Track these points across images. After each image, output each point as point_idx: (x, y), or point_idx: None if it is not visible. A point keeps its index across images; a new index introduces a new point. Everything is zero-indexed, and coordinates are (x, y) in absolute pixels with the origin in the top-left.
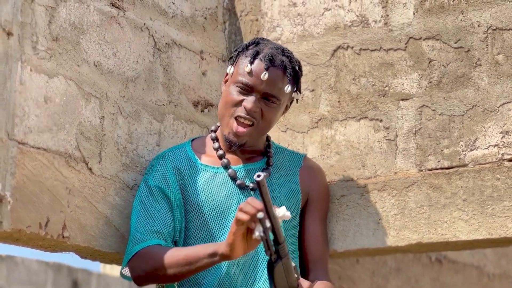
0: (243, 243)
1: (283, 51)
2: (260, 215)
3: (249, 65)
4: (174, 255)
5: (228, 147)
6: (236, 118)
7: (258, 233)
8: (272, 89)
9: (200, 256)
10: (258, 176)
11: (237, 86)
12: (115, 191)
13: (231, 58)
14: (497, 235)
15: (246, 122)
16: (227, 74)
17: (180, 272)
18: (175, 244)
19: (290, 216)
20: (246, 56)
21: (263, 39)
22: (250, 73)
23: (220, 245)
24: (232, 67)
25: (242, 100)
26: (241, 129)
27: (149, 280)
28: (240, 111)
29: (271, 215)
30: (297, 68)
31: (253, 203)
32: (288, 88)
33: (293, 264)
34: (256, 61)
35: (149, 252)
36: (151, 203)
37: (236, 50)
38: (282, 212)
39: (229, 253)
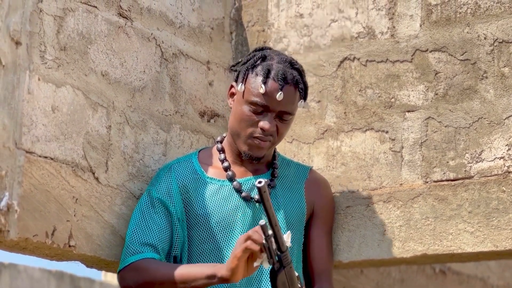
0: (244, 269)
1: (292, 64)
2: (262, 222)
3: (263, 86)
4: (169, 272)
5: (248, 160)
6: (254, 137)
7: (259, 263)
8: (287, 107)
9: (197, 277)
10: (260, 182)
11: (251, 106)
12: (121, 200)
13: (236, 71)
14: (502, 247)
15: (265, 139)
16: (232, 86)
17: None
18: (176, 259)
19: (290, 245)
20: (258, 75)
21: (267, 50)
22: (264, 94)
23: (220, 269)
24: (242, 85)
25: (258, 121)
26: (262, 143)
27: None
28: (258, 132)
29: (273, 223)
30: (305, 79)
31: (261, 232)
32: (302, 103)
33: (296, 274)
34: (270, 81)
35: (143, 265)
36: (151, 214)
37: (242, 64)
38: (285, 237)
39: (230, 278)
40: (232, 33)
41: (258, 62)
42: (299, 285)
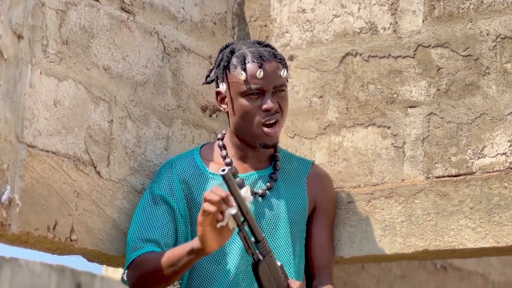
0: (214, 234)
1: (261, 44)
2: (233, 210)
3: (243, 73)
4: (159, 259)
5: (262, 149)
6: (263, 124)
7: (228, 212)
8: (277, 80)
9: (180, 255)
10: (223, 170)
11: (246, 96)
12: (123, 194)
13: (215, 78)
14: (504, 243)
15: (272, 121)
16: (218, 93)
17: (167, 274)
18: None
19: (252, 198)
20: (236, 67)
21: (231, 44)
22: (250, 78)
23: (194, 241)
24: (224, 84)
25: (259, 106)
26: (272, 131)
27: (143, 286)
28: (264, 117)
29: (244, 211)
30: (278, 52)
31: (218, 191)
32: (284, 72)
33: (279, 263)
34: (248, 65)
35: (141, 259)
36: (153, 211)
37: (216, 67)
38: (243, 192)
39: (203, 247)
40: (234, 28)
41: (230, 56)
42: (284, 275)
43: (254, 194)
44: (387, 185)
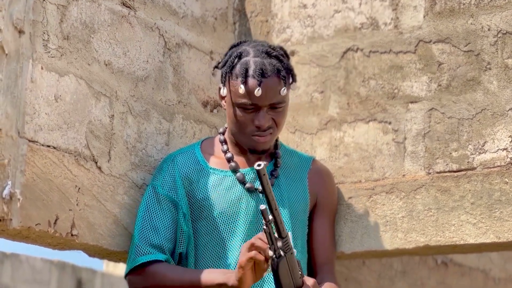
0: (252, 275)
1: (269, 54)
2: (263, 206)
3: (242, 86)
4: (177, 277)
5: (252, 153)
6: (254, 136)
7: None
8: (274, 98)
9: (207, 284)
10: (259, 165)
11: (241, 107)
12: (124, 190)
13: (216, 66)
14: (505, 238)
15: (264, 135)
16: (220, 89)
17: None
18: (181, 255)
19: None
20: (237, 77)
21: (243, 44)
22: (247, 93)
23: (230, 278)
24: (225, 89)
25: (252, 119)
26: (262, 139)
27: None
28: (255, 131)
29: (273, 207)
30: (286, 64)
31: (263, 238)
32: (284, 90)
33: (297, 259)
34: (249, 80)
35: (151, 270)
36: (157, 212)
37: (222, 66)
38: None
39: (240, 286)
40: (235, 23)
41: (236, 61)
42: (300, 273)
43: (255, 190)
44: (388, 181)
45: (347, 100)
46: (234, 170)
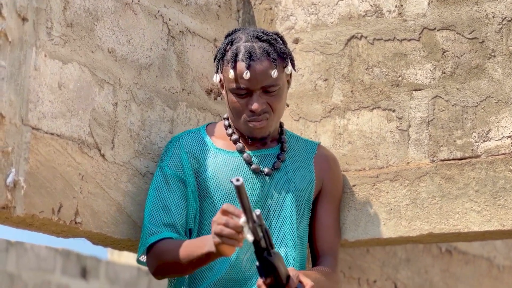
0: (230, 247)
1: (259, 38)
2: (258, 211)
3: (231, 71)
4: (178, 251)
5: (251, 142)
6: (249, 121)
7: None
8: (265, 80)
9: (197, 254)
10: (238, 180)
11: (234, 93)
12: (127, 177)
13: (217, 64)
14: (509, 226)
15: (260, 119)
16: (220, 80)
17: (186, 267)
18: (191, 231)
19: (252, 240)
20: (228, 62)
21: (237, 31)
22: (237, 77)
23: (210, 245)
24: (218, 75)
25: (247, 105)
26: (258, 124)
27: (161, 274)
28: (250, 115)
29: (250, 221)
30: (280, 48)
31: (229, 209)
32: (275, 72)
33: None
34: (238, 64)
35: (160, 249)
36: (166, 192)
37: (216, 57)
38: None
39: (219, 254)
40: (239, 11)
41: (228, 48)
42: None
43: (260, 171)
44: (392, 168)
45: (351, 87)
46: (241, 151)
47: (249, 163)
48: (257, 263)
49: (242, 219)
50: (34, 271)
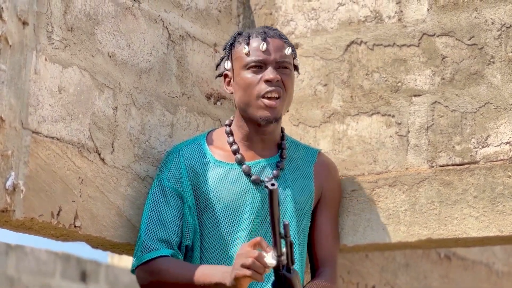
0: (248, 279)
1: (269, 28)
2: (269, 259)
3: (246, 46)
4: (181, 274)
5: (265, 125)
6: (263, 96)
7: (272, 260)
8: (280, 55)
9: (205, 283)
10: (273, 184)
11: (248, 69)
12: (127, 181)
13: (222, 58)
14: (507, 232)
15: (274, 95)
16: (226, 75)
17: None
18: (187, 248)
19: (275, 264)
20: (240, 43)
21: (241, 32)
22: (252, 51)
23: (226, 277)
24: (229, 62)
25: (261, 78)
26: (272, 102)
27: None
28: (265, 88)
29: (277, 231)
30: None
31: (249, 253)
32: (289, 50)
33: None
34: (252, 40)
35: (158, 267)
36: (164, 206)
37: (224, 48)
38: (269, 259)
39: (237, 285)
40: (239, 16)
41: (236, 37)
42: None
43: (260, 182)
44: (391, 174)
45: (350, 93)
46: (240, 163)
47: (248, 174)
48: (273, 280)
49: (269, 259)
50: (34, 274)
